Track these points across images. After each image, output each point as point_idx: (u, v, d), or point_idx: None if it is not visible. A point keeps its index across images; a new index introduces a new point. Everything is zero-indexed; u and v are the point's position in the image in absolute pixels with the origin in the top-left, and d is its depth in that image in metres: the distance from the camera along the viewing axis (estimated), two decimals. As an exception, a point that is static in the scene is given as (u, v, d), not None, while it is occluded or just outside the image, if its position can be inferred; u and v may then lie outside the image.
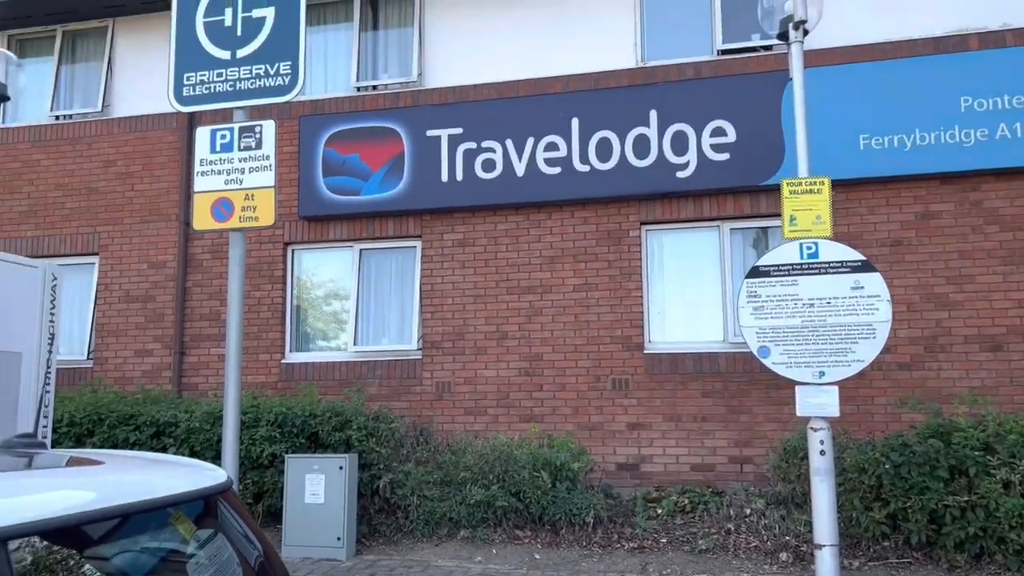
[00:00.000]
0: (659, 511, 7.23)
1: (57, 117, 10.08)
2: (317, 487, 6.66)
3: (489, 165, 8.53)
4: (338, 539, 6.56)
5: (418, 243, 8.94)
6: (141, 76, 9.84)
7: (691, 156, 8.06)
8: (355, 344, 8.89)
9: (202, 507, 2.29)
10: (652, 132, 8.19)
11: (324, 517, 6.64)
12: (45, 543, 1.79)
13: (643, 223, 8.32)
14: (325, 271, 9.31)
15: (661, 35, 8.70)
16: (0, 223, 9.84)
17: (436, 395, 8.49)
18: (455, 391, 8.46)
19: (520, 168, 8.45)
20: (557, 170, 8.36)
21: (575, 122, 8.37)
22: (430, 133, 8.72)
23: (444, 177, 8.62)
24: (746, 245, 8.26)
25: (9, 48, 9.93)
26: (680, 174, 8.08)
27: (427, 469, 7.33)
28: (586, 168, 8.30)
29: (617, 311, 8.20)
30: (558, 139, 8.39)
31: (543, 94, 8.59)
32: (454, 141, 8.64)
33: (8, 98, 7.05)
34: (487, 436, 7.94)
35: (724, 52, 8.46)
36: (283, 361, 8.96)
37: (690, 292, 8.28)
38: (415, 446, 7.84)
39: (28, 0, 9.63)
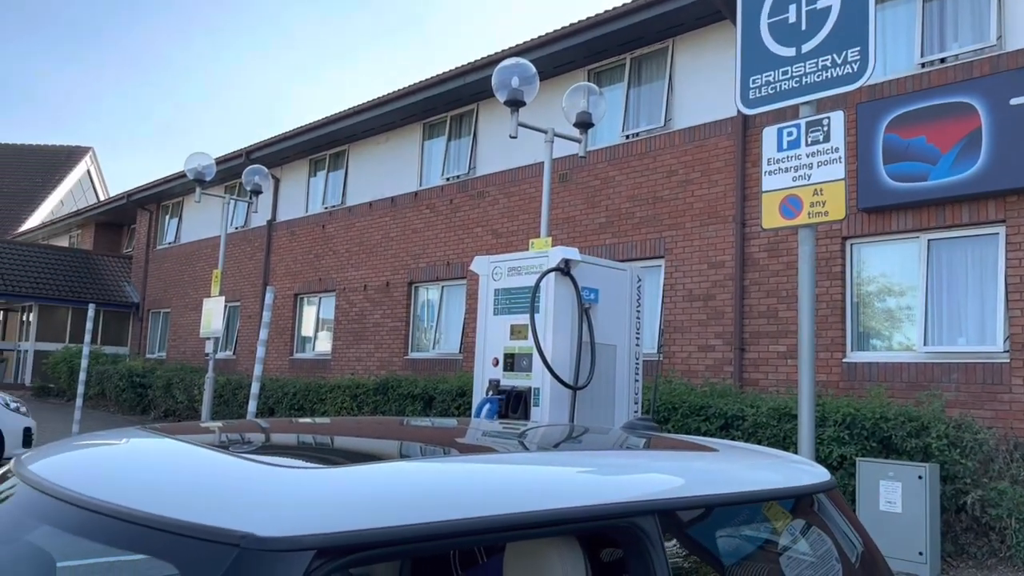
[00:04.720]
0: None
1: (627, 136, 11.32)
2: (893, 495, 6.24)
3: (1101, 129, 7.02)
4: (920, 554, 6.05)
5: (1001, 229, 7.79)
6: (697, 88, 10.49)
7: None
8: (925, 344, 8.14)
9: (795, 501, 2.30)
10: None
11: (901, 528, 6.18)
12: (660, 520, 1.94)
13: None
14: (887, 265, 8.71)
15: None
16: (585, 233, 11.43)
17: (1032, 405, 7.29)
18: (1058, 402, 7.15)
19: None
20: None
21: None
22: (1014, 102, 7.54)
23: (1036, 150, 7.37)
24: None
25: (588, 80, 11.48)
26: None
27: (1027, 490, 6.33)
28: None
29: None
30: None
31: None
32: (1049, 107, 7.32)
33: (592, 125, 8.16)
34: (1108, 459, 6.54)
35: None
36: (844, 360, 8.63)
37: None
38: (1008, 462, 6.83)
39: (601, 36, 11.03)
